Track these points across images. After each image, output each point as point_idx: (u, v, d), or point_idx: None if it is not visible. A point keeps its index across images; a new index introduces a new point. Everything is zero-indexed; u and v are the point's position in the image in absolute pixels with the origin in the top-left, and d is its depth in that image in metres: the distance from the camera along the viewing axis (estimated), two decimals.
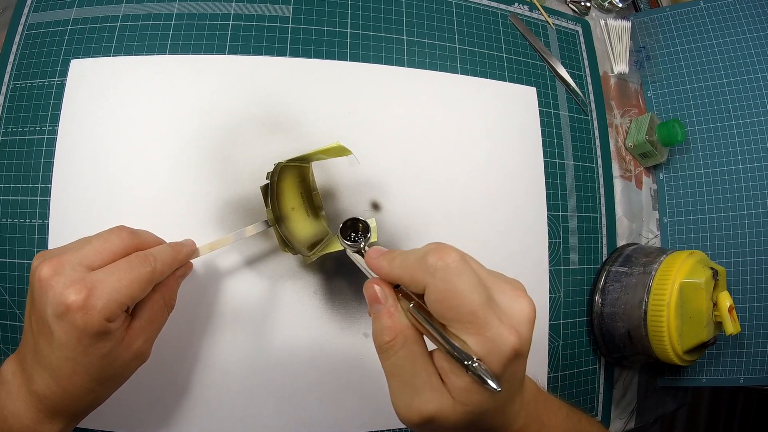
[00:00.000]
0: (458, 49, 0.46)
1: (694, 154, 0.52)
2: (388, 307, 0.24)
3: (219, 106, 0.40)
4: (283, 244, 0.35)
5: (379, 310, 0.24)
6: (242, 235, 0.32)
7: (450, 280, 0.21)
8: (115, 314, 0.25)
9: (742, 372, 0.48)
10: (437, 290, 0.22)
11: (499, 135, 0.45)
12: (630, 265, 0.46)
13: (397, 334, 0.23)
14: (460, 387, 0.22)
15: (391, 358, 0.23)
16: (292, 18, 0.43)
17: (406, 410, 0.23)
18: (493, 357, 0.21)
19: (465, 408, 0.22)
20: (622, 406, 0.50)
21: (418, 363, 0.23)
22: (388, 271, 0.24)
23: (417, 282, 0.23)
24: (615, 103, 0.53)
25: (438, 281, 0.21)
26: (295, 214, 0.36)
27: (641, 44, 0.55)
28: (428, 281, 0.22)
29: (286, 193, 0.36)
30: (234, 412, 0.37)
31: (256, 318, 0.38)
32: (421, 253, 0.22)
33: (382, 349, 0.24)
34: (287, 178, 0.36)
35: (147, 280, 0.27)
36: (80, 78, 0.39)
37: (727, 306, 0.42)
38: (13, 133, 0.38)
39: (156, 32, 0.41)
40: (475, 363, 0.21)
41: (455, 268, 0.21)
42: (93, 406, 0.28)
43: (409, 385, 0.23)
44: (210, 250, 0.32)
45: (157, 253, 0.28)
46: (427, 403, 0.22)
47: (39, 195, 0.37)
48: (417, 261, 0.22)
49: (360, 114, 0.42)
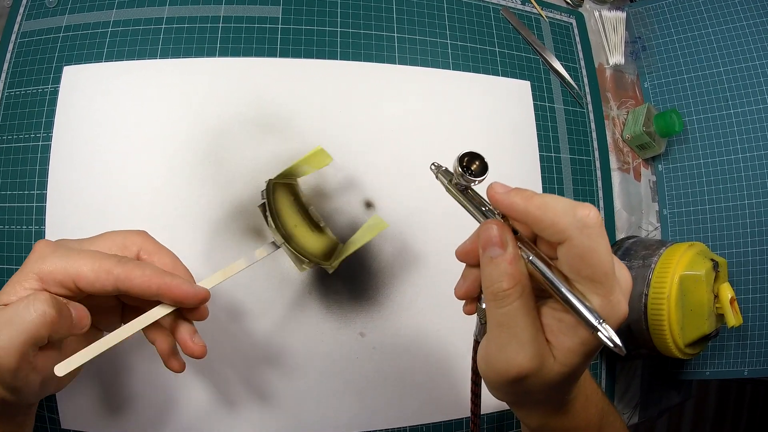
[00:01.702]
0: (450, 44, 0.46)
1: (692, 144, 0.52)
2: (510, 252, 0.22)
3: (211, 109, 0.40)
4: (299, 262, 0.34)
5: (498, 255, 0.22)
6: (253, 259, 0.30)
7: (595, 239, 0.21)
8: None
9: (746, 364, 0.47)
10: (581, 245, 0.21)
11: (493, 130, 0.45)
12: (629, 258, 0.45)
13: (517, 283, 0.22)
14: (567, 347, 0.22)
15: (505, 307, 0.22)
16: (282, 18, 0.43)
17: (506, 364, 0.22)
18: (610, 321, 0.21)
19: (563, 369, 0.22)
20: (625, 401, 0.49)
21: (530, 316, 0.22)
22: (522, 208, 0.22)
23: (558, 230, 0.21)
24: (611, 95, 0.53)
25: (584, 237, 0.21)
26: (299, 231, 0.35)
27: (637, 35, 0.54)
28: (573, 234, 0.21)
29: (284, 212, 0.35)
30: (230, 414, 0.37)
31: (251, 319, 0.38)
32: (569, 204, 0.21)
33: (497, 297, 0.22)
34: (281, 197, 0.36)
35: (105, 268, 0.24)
36: (73, 84, 0.39)
37: (728, 298, 0.41)
38: (8, 140, 0.39)
39: (147, 37, 0.41)
40: (603, 323, 0.21)
41: (601, 228, 0.21)
42: None
43: (516, 338, 0.22)
44: (222, 278, 0.29)
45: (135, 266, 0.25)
46: (531, 359, 0.22)
47: (35, 201, 0.38)
48: (564, 209, 0.21)
49: (352, 113, 0.42)
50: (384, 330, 0.40)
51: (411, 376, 0.40)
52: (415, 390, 0.40)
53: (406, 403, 0.40)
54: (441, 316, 0.41)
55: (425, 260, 0.41)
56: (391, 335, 0.40)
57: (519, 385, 0.23)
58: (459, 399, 0.41)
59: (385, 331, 0.40)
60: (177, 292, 0.25)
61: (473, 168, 0.25)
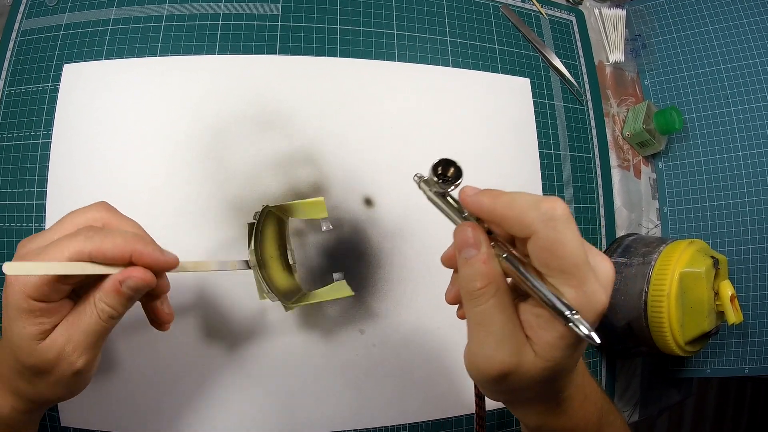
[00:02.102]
0: (449, 42, 0.46)
1: (692, 142, 0.52)
2: (483, 252, 0.23)
3: (210, 106, 0.40)
4: (262, 290, 0.34)
5: (472, 256, 0.23)
6: (224, 267, 0.32)
7: (561, 231, 0.21)
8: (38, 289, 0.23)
9: (747, 362, 0.47)
10: (547, 238, 0.21)
11: (493, 127, 0.45)
12: (629, 255, 0.45)
13: (491, 281, 0.22)
14: (546, 341, 0.22)
15: (480, 306, 0.23)
16: (282, 16, 0.43)
17: (486, 362, 0.23)
18: (586, 312, 0.21)
19: (545, 364, 0.22)
20: (625, 399, 0.49)
21: (506, 313, 0.22)
22: (490, 208, 0.23)
23: (525, 226, 0.22)
24: (611, 93, 0.53)
25: (549, 229, 0.21)
26: (273, 263, 0.36)
27: (637, 32, 0.54)
28: (538, 228, 0.21)
29: (267, 239, 0.35)
30: (230, 412, 0.37)
31: (251, 316, 0.38)
32: (533, 199, 0.22)
33: (472, 296, 0.23)
34: (269, 224, 0.36)
35: (75, 251, 0.24)
36: (73, 82, 0.39)
37: (728, 295, 0.41)
38: (9, 138, 0.39)
39: (147, 35, 0.41)
40: (576, 314, 0.21)
41: (566, 220, 0.21)
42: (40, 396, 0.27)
43: (493, 336, 0.22)
44: (193, 269, 0.29)
45: (105, 235, 0.24)
46: (510, 356, 0.22)
47: (35, 199, 0.38)
48: (529, 205, 0.22)
49: (351, 110, 0.42)
50: (383, 327, 0.40)
51: (411, 374, 0.40)
52: (415, 387, 0.40)
53: (406, 401, 0.40)
54: (440, 313, 0.41)
55: (425, 257, 0.41)
56: (391, 332, 0.40)
57: (504, 383, 0.23)
58: (459, 396, 0.41)
59: (384, 328, 0.40)
60: (148, 259, 0.25)
61: (449, 174, 0.26)
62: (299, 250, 0.39)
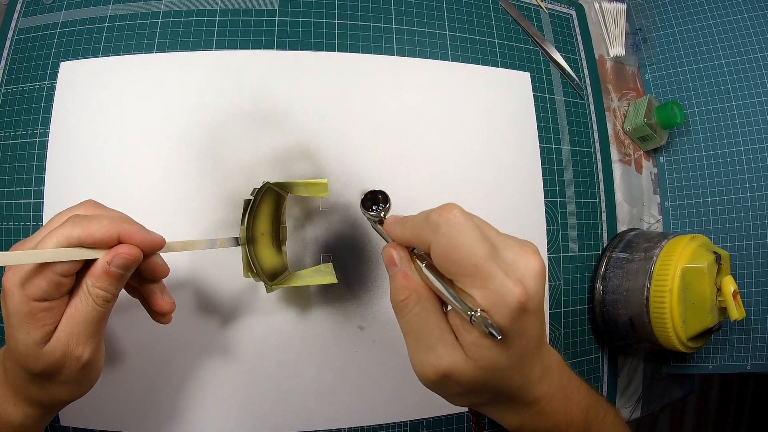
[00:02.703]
0: (448, 36, 0.46)
1: (694, 136, 0.51)
2: (402, 267, 0.25)
3: (208, 103, 0.39)
4: (247, 268, 0.33)
5: (395, 272, 0.25)
6: (213, 245, 0.31)
7: (451, 235, 0.22)
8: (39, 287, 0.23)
9: (749, 358, 0.47)
10: (439, 246, 0.22)
11: (493, 121, 0.45)
12: (631, 250, 0.45)
13: (411, 293, 0.24)
14: (471, 342, 0.22)
15: (406, 316, 0.24)
16: (279, 11, 0.42)
17: (421, 366, 0.24)
18: (498, 309, 0.21)
19: (477, 363, 0.23)
20: (627, 395, 0.49)
21: (431, 320, 0.24)
22: (400, 235, 0.26)
23: (423, 241, 0.23)
24: (612, 87, 0.52)
25: (440, 237, 0.22)
26: (264, 240, 0.35)
27: (637, 26, 0.54)
28: (431, 238, 0.23)
29: (261, 215, 0.35)
30: (230, 409, 0.37)
31: (250, 313, 0.38)
32: (425, 214, 0.23)
33: (397, 308, 0.25)
34: (266, 200, 0.35)
35: (64, 237, 0.24)
36: (70, 80, 0.39)
37: (731, 291, 0.41)
38: (5, 137, 0.39)
39: (143, 31, 0.40)
40: (478, 313, 0.21)
41: (456, 223, 0.22)
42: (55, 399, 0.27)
43: (423, 342, 0.24)
44: (181, 249, 0.29)
45: (92, 219, 0.25)
46: (441, 359, 0.23)
47: (32, 198, 0.38)
48: (422, 221, 0.23)
49: (350, 105, 0.42)
50: (383, 323, 0.40)
51: (411, 370, 0.40)
52: (415, 384, 0.39)
53: (406, 397, 0.40)
54: None
55: None
56: (391, 328, 0.40)
57: (447, 386, 0.24)
58: None
59: (384, 324, 0.40)
60: (136, 237, 0.25)
61: (379, 201, 0.29)
62: (298, 248, 0.39)
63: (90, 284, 0.25)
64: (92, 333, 0.25)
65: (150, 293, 0.28)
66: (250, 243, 0.33)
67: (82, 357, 0.25)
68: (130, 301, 0.30)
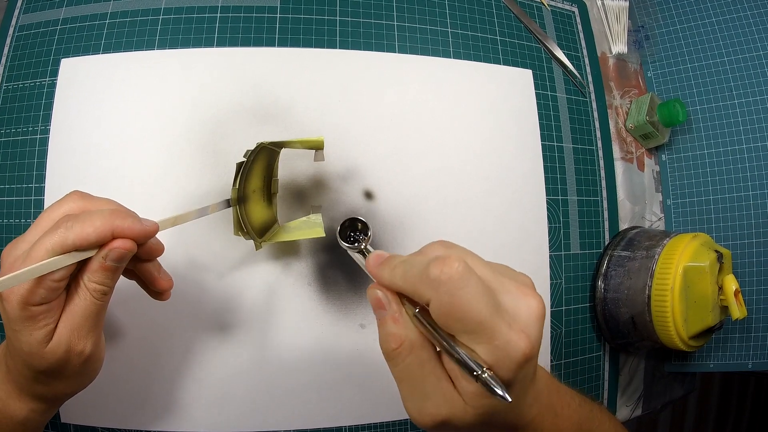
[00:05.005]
0: (450, 33, 0.46)
1: (696, 134, 0.51)
2: (392, 312, 0.23)
3: (209, 99, 0.39)
4: (238, 227, 0.34)
5: (384, 316, 0.23)
6: (205, 212, 0.31)
7: (454, 294, 0.20)
8: (36, 294, 0.23)
9: (750, 357, 0.47)
10: (442, 304, 0.21)
11: (494, 119, 0.45)
12: (633, 249, 0.45)
13: (404, 341, 0.23)
14: (471, 392, 0.22)
15: (399, 365, 0.23)
16: (280, 7, 0.42)
17: (419, 414, 0.23)
18: (503, 364, 0.21)
19: (476, 411, 0.22)
20: (628, 393, 0.49)
21: (426, 368, 0.23)
22: (389, 282, 0.23)
23: (420, 296, 0.22)
24: (614, 84, 0.52)
25: (442, 295, 0.20)
26: (255, 196, 0.35)
27: (640, 24, 0.54)
28: (432, 295, 0.21)
29: (254, 173, 0.35)
30: (232, 408, 0.37)
31: (251, 311, 0.38)
32: (423, 265, 0.21)
33: (389, 356, 0.23)
34: (259, 159, 0.35)
35: (58, 244, 0.23)
36: (71, 77, 0.39)
37: (732, 290, 0.41)
38: (6, 134, 0.38)
39: (144, 28, 0.40)
40: (485, 373, 0.20)
41: (459, 280, 0.20)
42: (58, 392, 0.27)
43: (419, 390, 0.23)
44: (173, 224, 0.29)
45: (84, 221, 0.24)
46: (439, 407, 0.22)
47: (33, 195, 0.38)
48: (419, 274, 0.21)
49: (351, 102, 0.41)
50: None
51: None
52: None
53: None
54: None
55: None
56: None
57: (445, 429, 0.23)
58: None
59: None
60: (129, 232, 0.25)
61: (359, 227, 0.27)
62: (296, 253, 0.39)
63: (87, 280, 0.25)
64: (92, 326, 0.25)
65: (147, 273, 0.28)
66: (241, 203, 0.33)
67: (85, 351, 0.25)
68: (121, 295, 0.30)
